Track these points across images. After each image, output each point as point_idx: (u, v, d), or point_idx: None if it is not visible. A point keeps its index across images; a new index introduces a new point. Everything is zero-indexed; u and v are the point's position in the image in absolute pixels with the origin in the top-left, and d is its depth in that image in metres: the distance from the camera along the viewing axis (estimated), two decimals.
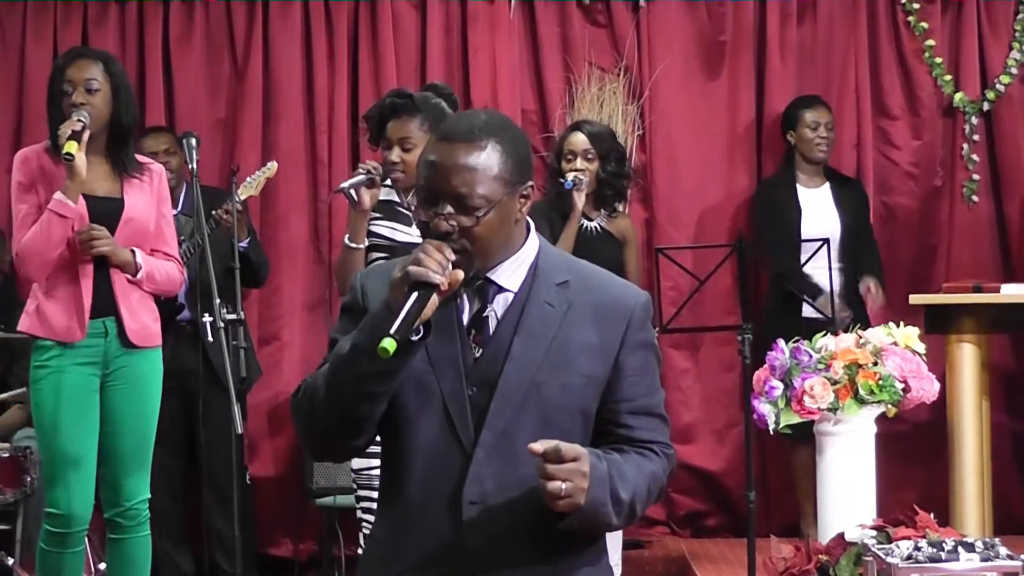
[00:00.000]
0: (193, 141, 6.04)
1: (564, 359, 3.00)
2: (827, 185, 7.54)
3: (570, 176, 6.60)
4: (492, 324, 3.02)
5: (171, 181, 6.92)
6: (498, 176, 2.95)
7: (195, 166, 6.01)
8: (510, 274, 3.04)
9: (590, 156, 6.66)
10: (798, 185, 7.52)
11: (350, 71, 7.83)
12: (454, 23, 7.91)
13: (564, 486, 2.86)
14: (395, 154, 5.28)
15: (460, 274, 2.91)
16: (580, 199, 6.50)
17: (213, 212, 6.50)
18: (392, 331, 2.81)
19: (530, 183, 3.04)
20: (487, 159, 2.95)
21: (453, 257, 2.90)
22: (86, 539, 5.54)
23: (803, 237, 7.21)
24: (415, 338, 2.88)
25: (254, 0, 7.81)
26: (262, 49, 7.81)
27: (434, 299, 2.87)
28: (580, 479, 2.87)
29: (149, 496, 5.53)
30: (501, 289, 3.03)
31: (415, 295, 2.85)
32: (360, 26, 7.84)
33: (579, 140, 6.70)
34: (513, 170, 2.98)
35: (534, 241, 3.09)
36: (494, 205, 2.95)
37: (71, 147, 5.15)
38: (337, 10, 7.82)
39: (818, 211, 7.44)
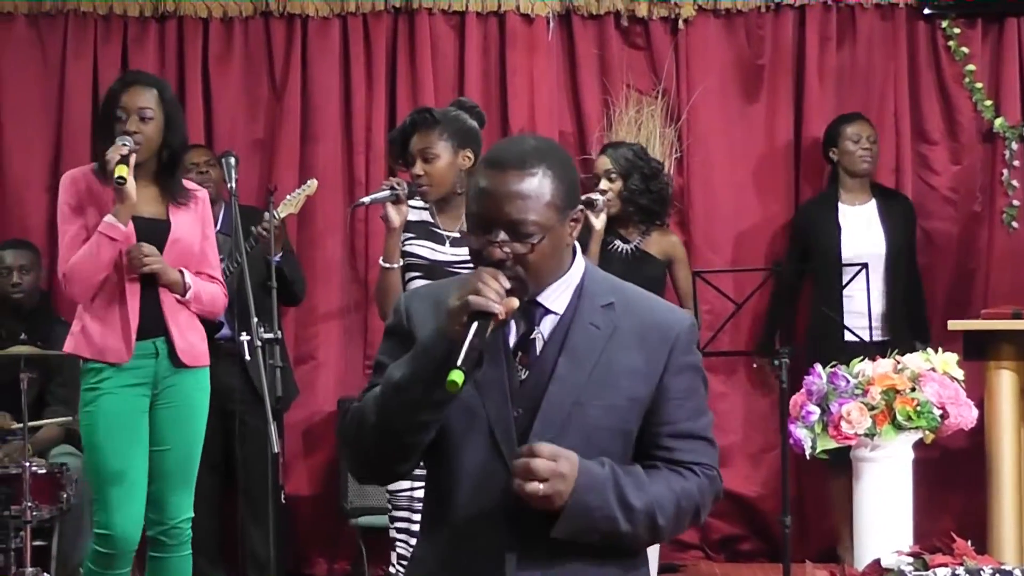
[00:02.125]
0: (232, 160, 6.06)
1: (608, 381, 2.98)
2: (873, 202, 7.51)
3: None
4: (539, 346, 3.01)
5: (211, 192, 6.97)
6: (550, 202, 2.94)
7: (234, 185, 6.03)
8: (556, 296, 3.02)
9: (612, 176, 6.63)
10: (841, 204, 7.48)
11: (388, 91, 7.85)
12: (492, 44, 7.92)
13: (540, 486, 2.86)
14: (418, 167, 5.30)
15: (515, 302, 2.90)
16: (597, 220, 6.38)
17: (253, 229, 6.51)
18: (459, 363, 2.80)
19: (579, 207, 3.03)
20: (539, 185, 2.93)
21: (508, 285, 2.89)
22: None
23: (843, 257, 7.19)
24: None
25: (293, 20, 7.84)
26: (300, 69, 7.83)
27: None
28: (558, 480, 2.86)
29: (192, 515, 5.53)
30: (547, 311, 3.02)
31: (475, 325, 2.83)
32: (398, 46, 7.87)
33: (601, 161, 6.71)
34: (564, 196, 2.96)
35: (580, 263, 3.08)
36: (547, 232, 2.93)
37: (122, 171, 5.14)
38: (375, 31, 7.84)
39: (861, 230, 7.40)
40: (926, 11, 7.87)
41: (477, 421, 2.98)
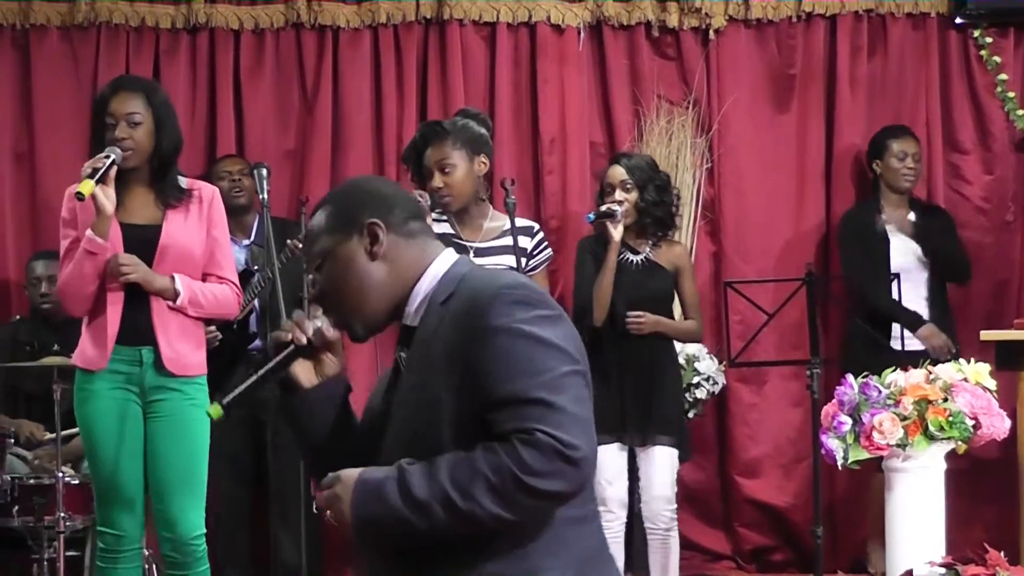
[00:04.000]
0: (264, 171, 6.08)
1: (426, 375, 2.95)
2: (911, 215, 7.49)
3: (594, 212, 6.48)
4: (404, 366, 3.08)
5: (243, 199, 6.98)
6: (324, 230, 3.09)
7: (266, 196, 6.04)
8: (415, 312, 3.07)
9: (628, 187, 6.48)
10: (884, 215, 7.47)
11: (419, 102, 7.86)
12: (523, 54, 7.93)
13: (328, 513, 2.92)
14: (437, 179, 5.32)
15: (326, 328, 3.12)
16: (615, 232, 6.32)
17: (289, 242, 6.50)
18: (222, 398, 3.02)
19: (366, 220, 3.06)
20: (315, 223, 3.12)
21: (321, 317, 3.11)
22: (142, 557, 5.53)
23: (892, 266, 7.18)
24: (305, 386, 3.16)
25: (324, 31, 7.86)
26: (331, 80, 7.85)
27: (329, 359, 3.18)
28: (336, 501, 2.90)
29: (205, 531, 5.42)
30: (411, 330, 3.06)
31: (276, 359, 3.10)
32: (429, 57, 7.88)
33: (616, 172, 6.54)
34: (337, 219, 3.08)
35: (437, 270, 3.07)
36: (326, 256, 3.08)
37: (84, 187, 5.10)
38: (406, 41, 7.86)
39: (903, 241, 7.39)
40: (958, 20, 7.86)
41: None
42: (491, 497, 2.80)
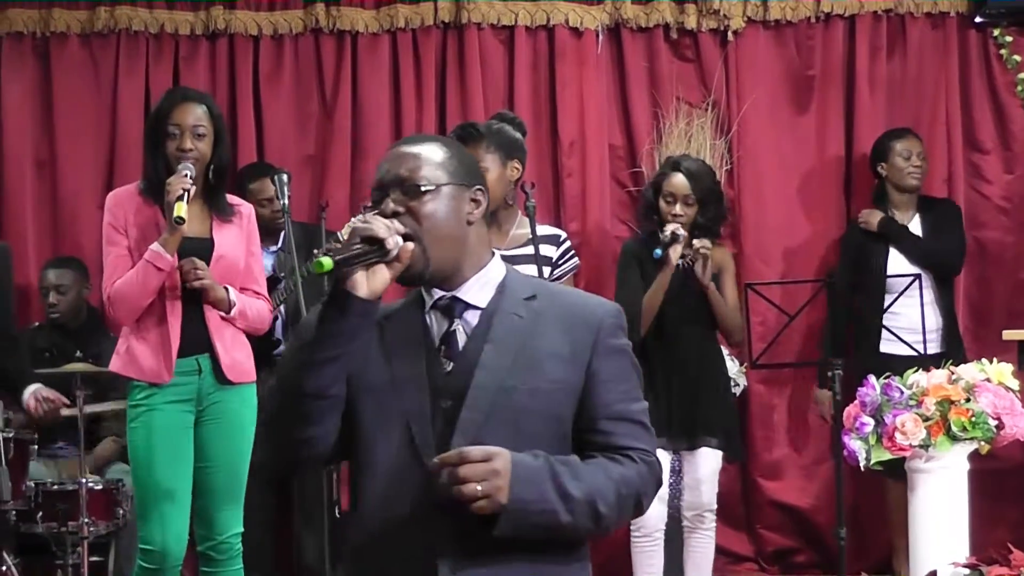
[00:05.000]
0: (285, 177, 6.08)
1: (532, 365, 3.03)
2: (917, 217, 7.44)
3: (661, 246, 6.31)
4: (462, 339, 3.08)
5: (281, 223, 6.97)
6: (442, 164, 3.08)
7: (287, 202, 6.04)
8: (477, 291, 3.11)
9: (690, 201, 6.36)
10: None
11: (438, 106, 7.86)
12: (542, 58, 7.93)
13: (479, 487, 2.85)
14: None
15: (410, 246, 2.98)
16: (675, 254, 6.26)
17: (316, 251, 6.51)
18: (333, 254, 2.90)
19: (479, 188, 3.13)
20: (430, 149, 3.09)
21: (402, 229, 2.98)
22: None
23: (889, 273, 7.13)
24: (360, 294, 2.92)
25: (343, 36, 7.87)
26: (350, 85, 7.85)
27: (384, 274, 2.94)
28: (495, 477, 2.86)
29: (242, 530, 5.52)
30: (468, 306, 3.10)
31: (362, 243, 2.93)
32: (448, 61, 7.88)
33: (680, 184, 6.36)
34: (458, 167, 3.10)
35: (501, 264, 3.17)
36: (438, 188, 3.04)
37: (181, 210, 5.10)
38: (425, 46, 7.86)
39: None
40: (977, 19, 7.84)
41: (390, 417, 3.02)
42: (615, 505, 3.00)
